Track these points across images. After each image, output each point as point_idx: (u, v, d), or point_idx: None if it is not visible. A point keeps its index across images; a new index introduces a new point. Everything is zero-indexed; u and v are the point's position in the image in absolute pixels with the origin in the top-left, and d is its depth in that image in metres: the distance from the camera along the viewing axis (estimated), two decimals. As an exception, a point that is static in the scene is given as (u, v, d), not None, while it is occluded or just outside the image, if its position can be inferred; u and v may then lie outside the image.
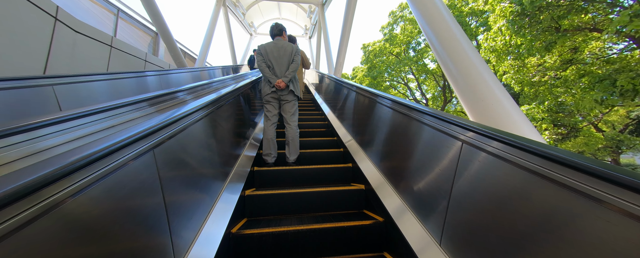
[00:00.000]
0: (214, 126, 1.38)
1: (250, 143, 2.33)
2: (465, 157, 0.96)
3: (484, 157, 0.86)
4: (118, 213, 0.58)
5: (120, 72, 2.54)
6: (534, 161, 0.67)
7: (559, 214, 0.60)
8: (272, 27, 2.33)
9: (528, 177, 0.68)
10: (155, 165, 0.75)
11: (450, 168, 1.03)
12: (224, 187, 1.42)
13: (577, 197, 0.56)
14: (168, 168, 0.83)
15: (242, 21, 11.70)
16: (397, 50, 14.51)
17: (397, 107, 1.53)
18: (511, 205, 0.74)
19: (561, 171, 0.60)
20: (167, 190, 0.80)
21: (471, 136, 0.94)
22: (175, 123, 0.92)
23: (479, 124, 0.96)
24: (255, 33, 13.39)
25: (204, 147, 1.20)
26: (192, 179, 1.03)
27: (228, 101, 1.73)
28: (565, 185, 0.59)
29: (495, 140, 0.82)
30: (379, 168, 1.70)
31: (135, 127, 0.71)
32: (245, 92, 2.51)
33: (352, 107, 2.58)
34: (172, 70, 4.01)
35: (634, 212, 0.47)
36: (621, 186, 0.50)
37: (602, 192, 0.52)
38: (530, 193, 0.68)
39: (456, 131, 1.02)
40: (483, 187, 0.85)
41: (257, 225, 1.38)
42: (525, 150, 0.70)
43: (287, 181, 1.93)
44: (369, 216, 1.48)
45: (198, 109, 1.14)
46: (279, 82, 2.14)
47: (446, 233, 0.99)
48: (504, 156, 0.77)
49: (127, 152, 0.63)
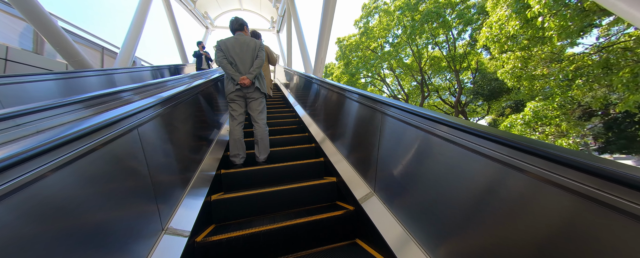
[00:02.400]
0: (163, 129, 1.24)
1: (216, 145, 2.19)
2: (422, 142, 1.03)
3: (438, 142, 0.94)
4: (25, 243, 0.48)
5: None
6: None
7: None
8: (231, 21, 2.21)
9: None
10: (81, 178, 0.63)
11: (409, 154, 1.09)
12: (185, 194, 1.31)
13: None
14: (101, 183, 0.71)
15: (192, 10, 10.18)
16: (374, 44, 14.40)
17: (361, 99, 1.59)
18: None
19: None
20: (101, 210, 0.69)
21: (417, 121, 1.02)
22: (108, 127, 0.79)
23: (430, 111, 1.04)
24: (213, 26, 11.93)
25: (152, 153, 1.07)
26: (137, 191, 0.91)
27: (181, 101, 1.57)
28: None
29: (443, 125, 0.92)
30: (349, 160, 1.74)
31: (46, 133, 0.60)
32: (206, 90, 2.33)
33: (321, 102, 2.62)
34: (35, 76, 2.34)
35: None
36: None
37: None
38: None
39: (414, 119, 1.09)
40: (438, 169, 0.94)
41: (225, 230, 1.32)
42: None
43: (258, 181, 1.88)
44: (341, 207, 1.53)
45: (140, 110, 1.00)
46: (244, 79, 2.05)
47: (414, 221, 1.05)
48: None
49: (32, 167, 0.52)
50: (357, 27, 14.67)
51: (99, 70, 3.47)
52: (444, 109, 16.80)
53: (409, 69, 14.27)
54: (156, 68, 5.50)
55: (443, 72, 14.76)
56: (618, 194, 0.49)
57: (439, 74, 15.01)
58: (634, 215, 0.47)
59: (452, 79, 14.95)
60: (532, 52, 6.58)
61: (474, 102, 14.78)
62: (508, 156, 0.70)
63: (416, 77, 14.85)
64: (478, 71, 13.90)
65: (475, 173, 0.81)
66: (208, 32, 11.65)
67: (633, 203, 0.47)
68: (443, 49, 13.56)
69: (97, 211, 0.71)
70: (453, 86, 15.23)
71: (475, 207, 0.80)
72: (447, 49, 13.38)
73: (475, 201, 0.80)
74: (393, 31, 13.39)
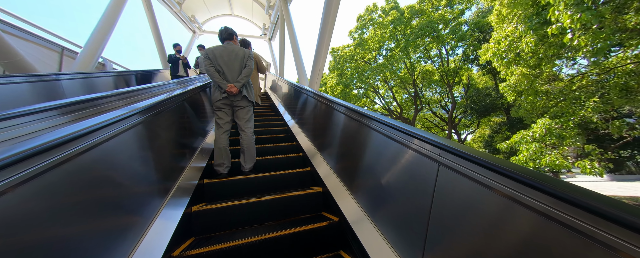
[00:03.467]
0: (135, 140, 1.19)
1: (199, 154, 2.13)
2: (409, 160, 1.07)
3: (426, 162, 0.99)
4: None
5: None
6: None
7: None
8: (220, 30, 2.24)
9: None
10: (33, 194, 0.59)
11: (395, 169, 1.13)
12: (163, 206, 1.25)
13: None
14: (58, 198, 0.67)
15: (178, 13, 9.68)
16: (368, 56, 14.67)
17: (348, 112, 1.65)
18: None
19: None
20: (58, 228, 0.65)
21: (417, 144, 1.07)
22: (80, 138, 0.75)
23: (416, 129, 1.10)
24: (200, 30, 11.41)
25: (125, 164, 1.02)
26: (106, 205, 0.87)
27: (159, 111, 1.52)
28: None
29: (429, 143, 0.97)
30: (335, 170, 1.77)
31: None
32: (191, 98, 2.29)
33: (310, 112, 2.64)
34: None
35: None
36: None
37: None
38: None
39: (401, 137, 1.14)
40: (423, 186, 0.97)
41: (205, 244, 1.28)
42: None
43: (243, 191, 1.86)
44: (326, 217, 1.53)
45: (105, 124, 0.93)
46: (231, 87, 2.05)
47: (394, 232, 1.07)
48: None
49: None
50: (352, 37, 15.07)
51: (34, 76, 2.69)
52: (434, 122, 17.23)
53: (402, 82, 14.68)
54: (120, 74, 4.70)
55: (433, 86, 15.34)
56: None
57: (430, 87, 15.56)
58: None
59: (441, 93, 15.57)
60: (543, 69, 6.28)
61: (465, 117, 15.36)
62: (484, 176, 0.75)
63: (409, 89, 15.20)
64: (469, 86, 14.50)
65: (456, 190, 0.85)
66: (195, 37, 11.24)
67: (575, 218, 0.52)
68: (435, 62, 14.13)
69: (54, 230, 0.65)
70: (443, 99, 15.82)
71: (456, 222, 0.83)
72: (438, 63, 13.93)
73: (455, 215, 0.84)
74: (387, 44, 13.76)
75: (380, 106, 17.05)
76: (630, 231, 0.46)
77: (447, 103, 15.54)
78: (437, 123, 17.08)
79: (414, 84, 14.16)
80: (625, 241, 0.46)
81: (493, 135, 13.85)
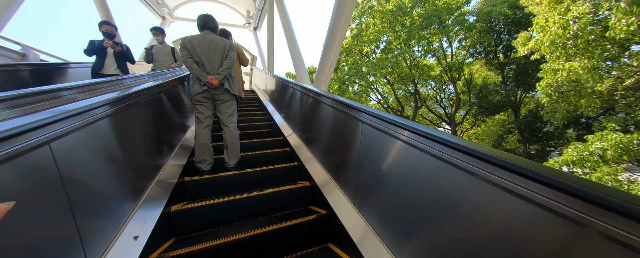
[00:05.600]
0: (104, 133, 1.08)
1: (179, 150, 2.01)
2: (398, 151, 1.06)
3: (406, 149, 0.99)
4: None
5: None
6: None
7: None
8: (199, 17, 2.05)
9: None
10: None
11: (383, 161, 1.11)
12: (137, 207, 1.16)
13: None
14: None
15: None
16: (366, 49, 13.66)
17: (337, 105, 1.64)
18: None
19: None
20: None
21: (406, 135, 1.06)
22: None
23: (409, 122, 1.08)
24: (171, 17, 9.77)
25: (87, 160, 0.92)
26: (63, 210, 0.77)
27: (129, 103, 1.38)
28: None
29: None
30: (323, 164, 1.75)
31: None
32: (169, 90, 2.14)
33: (297, 106, 2.57)
34: None
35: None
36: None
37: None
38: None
39: (392, 129, 1.12)
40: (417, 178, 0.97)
41: (186, 244, 1.21)
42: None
43: (227, 188, 1.81)
44: (314, 211, 1.52)
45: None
46: (211, 79, 1.93)
47: (381, 222, 1.07)
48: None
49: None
50: (349, 29, 14.27)
51: None
52: (429, 118, 16.58)
53: (400, 77, 13.60)
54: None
55: (429, 81, 14.60)
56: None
57: (426, 82, 14.80)
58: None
59: (436, 88, 14.92)
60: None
61: (470, 114, 14.13)
62: (473, 166, 0.75)
63: (407, 85, 14.18)
64: (470, 81, 13.69)
65: (445, 180, 0.85)
66: (165, 24, 9.68)
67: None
68: (438, 56, 13.26)
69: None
70: (437, 94, 15.15)
71: (439, 211, 0.84)
72: (441, 57, 13.11)
73: (439, 205, 0.84)
74: (387, 35, 12.69)
75: (375, 102, 16.18)
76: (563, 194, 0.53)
77: (443, 99, 14.91)
78: (432, 118, 16.30)
79: (413, 80, 13.20)
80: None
81: (504, 136, 12.42)
